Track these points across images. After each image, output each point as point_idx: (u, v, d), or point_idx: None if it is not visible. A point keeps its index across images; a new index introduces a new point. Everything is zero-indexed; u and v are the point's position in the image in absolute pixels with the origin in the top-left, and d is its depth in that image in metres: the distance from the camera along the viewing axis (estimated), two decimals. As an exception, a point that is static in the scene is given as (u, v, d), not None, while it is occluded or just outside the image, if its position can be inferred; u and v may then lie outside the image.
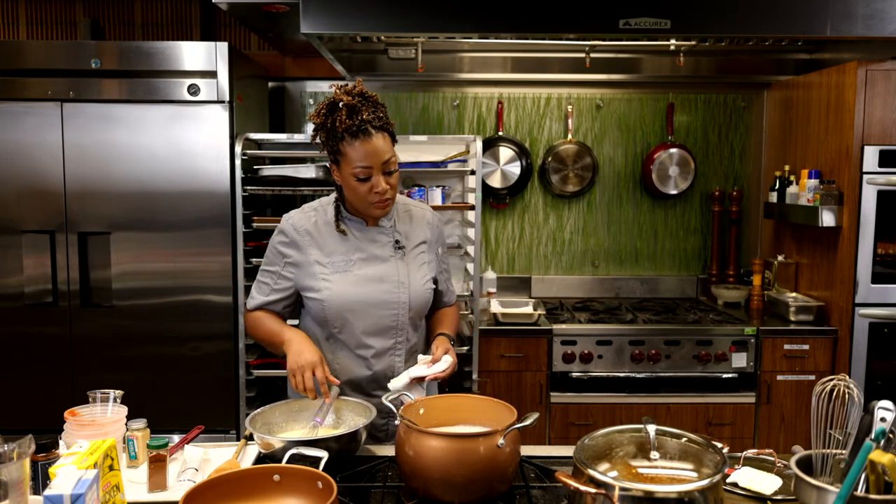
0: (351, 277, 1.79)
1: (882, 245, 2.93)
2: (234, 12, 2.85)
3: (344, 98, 1.68)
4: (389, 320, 1.81)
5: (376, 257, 1.82)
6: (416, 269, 1.85)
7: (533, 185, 3.69)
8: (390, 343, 1.83)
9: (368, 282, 1.79)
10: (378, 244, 1.83)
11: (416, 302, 1.84)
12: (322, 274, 1.79)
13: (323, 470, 1.30)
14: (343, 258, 1.80)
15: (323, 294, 1.78)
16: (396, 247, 1.84)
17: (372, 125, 1.67)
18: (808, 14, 2.54)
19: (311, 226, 1.82)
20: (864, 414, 1.29)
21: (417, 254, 1.87)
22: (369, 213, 1.79)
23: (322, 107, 1.71)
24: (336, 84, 1.76)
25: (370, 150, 1.68)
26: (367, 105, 1.68)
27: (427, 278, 1.87)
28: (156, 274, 2.90)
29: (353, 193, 1.75)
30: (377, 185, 1.71)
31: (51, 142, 2.84)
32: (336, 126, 1.67)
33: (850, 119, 2.90)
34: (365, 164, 1.69)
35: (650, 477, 1.26)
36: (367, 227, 1.83)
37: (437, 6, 2.52)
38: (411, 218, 1.91)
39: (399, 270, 1.82)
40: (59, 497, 1.14)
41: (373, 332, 1.81)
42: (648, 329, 3.05)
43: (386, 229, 1.84)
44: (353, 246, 1.81)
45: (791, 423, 3.05)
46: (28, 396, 2.93)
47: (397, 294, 1.81)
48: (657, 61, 3.55)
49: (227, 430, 2.96)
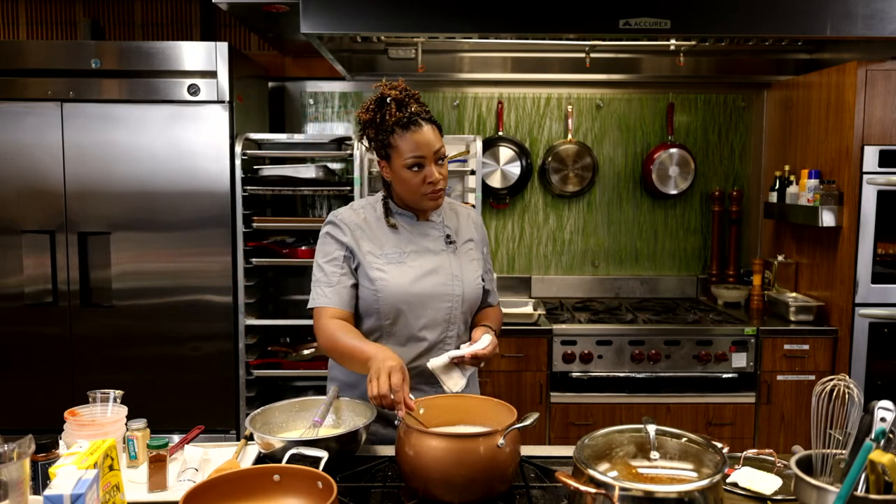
0: (405, 269, 1.77)
1: (882, 245, 2.93)
2: (234, 12, 2.85)
3: (391, 93, 1.70)
4: (444, 313, 1.80)
5: (428, 250, 1.82)
6: (467, 262, 1.86)
7: (533, 185, 3.69)
8: (442, 336, 1.81)
9: (424, 274, 1.78)
10: (430, 238, 1.83)
11: (469, 295, 1.83)
12: (376, 265, 1.77)
13: (323, 470, 1.30)
14: (396, 250, 1.79)
15: (377, 285, 1.75)
16: (448, 241, 1.84)
17: (421, 117, 1.70)
18: (808, 14, 2.54)
19: (361, 221, 1.82)
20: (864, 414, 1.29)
21: (467, 249, 1.88)
22: (422, 205, 1.79)
23: (370, 103, 1.73)
24: (381, 82, 1.76)
25: (422, 140, 1.69)
26: (413, 100, 1.72)
27: (478, 274, 1.87)
28: (156, 274, 2.90)
29: (406, 186, 1.75)
30: (430, 175, 1.72)
31: (51, 142, 2.84)
32: (386, 120, 1.69)
33: (850, 119, 2.90)
34: (418, 154, 1.70)
35: (650, 477, 1.26)
36: (417, 221, 1.83)
37: (437, 6, 2.52)
38: (458, 215, 1.92)
39: (452, 263, 1.82)
40: (59, 497, 1.14)
41: (427, 324, 1.79)
42: (648, 329, 3.05)
43: (436, 224, 1.85)
44: (405, 239, 1.81)
45: (791, 423, 3.05)
46: (28, 396, 2.93)
47: (451, 286, 1.80)
48: (657, 61, 3.55)
49: (227, 430, 2.96)
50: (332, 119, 3.65)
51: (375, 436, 1.84)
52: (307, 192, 3.09)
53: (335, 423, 1.70)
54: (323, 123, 3.66)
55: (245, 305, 2.95)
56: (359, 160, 3.00)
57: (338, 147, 3.23)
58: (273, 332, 3.29)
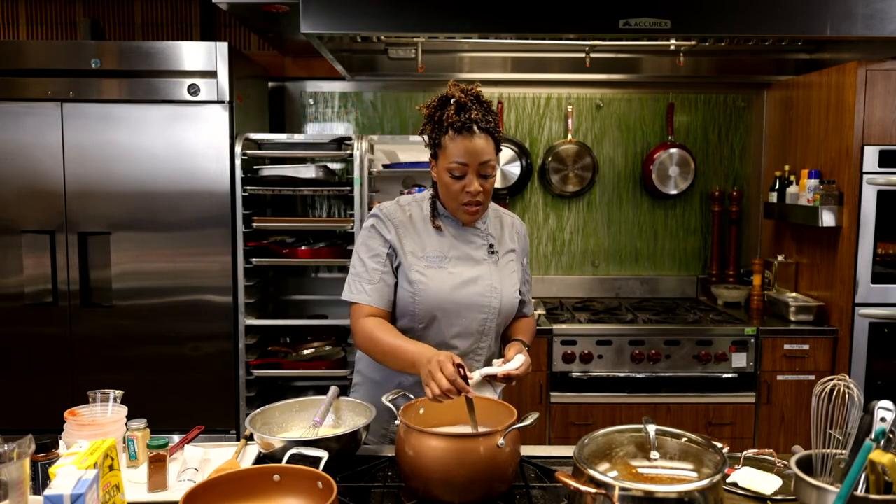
0: (445, 275, 1.75)
1: (882, 245, 2.93)
2: (234, 12, 2.85)
3: (457, 94, 1.68)
4: (478, 324, 1.78)
5: (471, 258, 1.79)
6: (507, 275, 1.83)
7: (533, 185, 3.69)
8: (473, 346, 1.80)
9: (464, 283, 1.76)
10: (473, 246, 1.81)
11: (506, 308, 1.82)
12: (417, 267, 1.74)
13: (323, 470, 1.30)
14: (438, 255, 1.77)
15: (416, 287, 1.73)
16: (490, 251, 1.82)
17: (478, 125, 1.66)
18: (808, 14, 2.54)
19: (406, 218, 1.79)
20: (864, 414, 1.29)
21: (508, 261, 1.85)
22: (457, 214, 1.77)
23: (434, 100, 1.71)
24: (453, 81, 1.73)
25: (470, 147, 1.66)
26: (478, 106, 1.68)
27: (516, 287, 1.85)
28: (156, 274, 2.90)
29: (446, 190, 1.73)
30: (470, 185, 1.69)
31: (51, 142, 2.84)
32: (443, 120, 1.67)
33: (850, 119, 2.90)
34: (461, 161, 1.67)
35: (650, 477, 1.26)
36: (462, 226, 1.81)
37: (437, 6, 2.52)
38: (502, 224, 1.89)
39: (492, 274, 1.80)
40: (59, 497, 1.14)
41: (460, 333, 1.77)
42: (648, 329, 3.05)
43: (481, 231, 1.82)
44: (448, 244, 1.78)
45: (791, 423, 3.05)
46: (28, 396, 2.93)
47: (489, 298, 1.78)
48: (657, 61, 3.55)
49: (227, 430, 2.96)
50: (332, 119, 3.65)
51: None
52: (307, 192, 3.09)
53: (335, 424, 1.70)
54: (323, 123, 3.66)
55: (245, 305, 2.95)
56: (359, 160, 3.00)
57: (338, 147, 3.23)
58: (273, 332, 3.29)
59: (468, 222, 1.79)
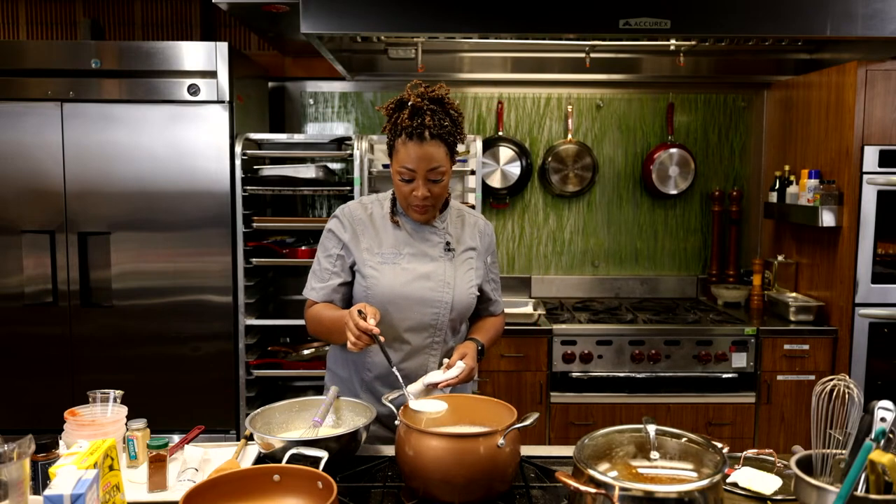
0: (399, 270, 1.80)
1: (882, 245, 2.93)
2: (234, 12, 2.85)
3: (412, 99, 1.69)
4: (430, 318, 1.81)
5: (426, 255, 1.83)
6: (462, 272, 1.86)
7: (533, 185, 3.69)
8: (427, 341, 1.83)
9: (415, 278, 1.80)
10: (429, 243, 1.84)
11: (459, 304, 1.84)
12: (370, 262, 1.80)
13: (323, 470, 1.30)
14: (393, 251, 1.82)
15: (369, 282, 1.79)
16: (447, 248, 1.85)
17: (430, 131, 1.67)
18: (808, 14, 2.54)
19: (367, 216, 1.85)
20: (864, 414, 1.29)
21: (465, 258, 1.88)
22: (409, 213, 1.82)
23: (392, 102, 1.73)
24: (416, 82, 1.74)
25: (419, 154, 1.68)
26: (435, 111, 1.69)
27: (472, 284, 1.87)
28: (156, 274, 2.90)
29: (398, 191, 1.78)
30: (417, 189, 1.73)
31: (51, 142, 2.84)
32: (397, 123, 1.70)
33: (850, 119, 2.90)
34: (409, 167, 1.70)
35: (650, 477, 1.26)
36: (420, 224, 1.85)
37: (437, 6, 2.52)
38: (463, 223, 1.92)
39: (446, 271, 1.83)
40: (59, 497, 1.14)
41: (412, 327, 1.80)
42: (648, 329, 3.05)
43: (438, 229, 1.86)
44: (404, 240, 1.83)
45: (791, 423, 3.05)
46: (28, 396, 2.93)
47: (441, 293, 1.81)
48: (657, 61, 3.55)
49: (227, 430, 2.96)
50: (332, 119, 3.65)
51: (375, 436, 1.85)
52: (307, 192, 3.09)
53: (335, 424, 1.70)
54: (323, 123, 3.66)
55: (245, 305, 2.95)
56: (359, 160, 3.00)
57: (338, 147, 3.23)
58: (273, 332, 3.29)
59: (419, 220, 1.84)
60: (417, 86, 1.72)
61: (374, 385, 1.84)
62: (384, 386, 1.81)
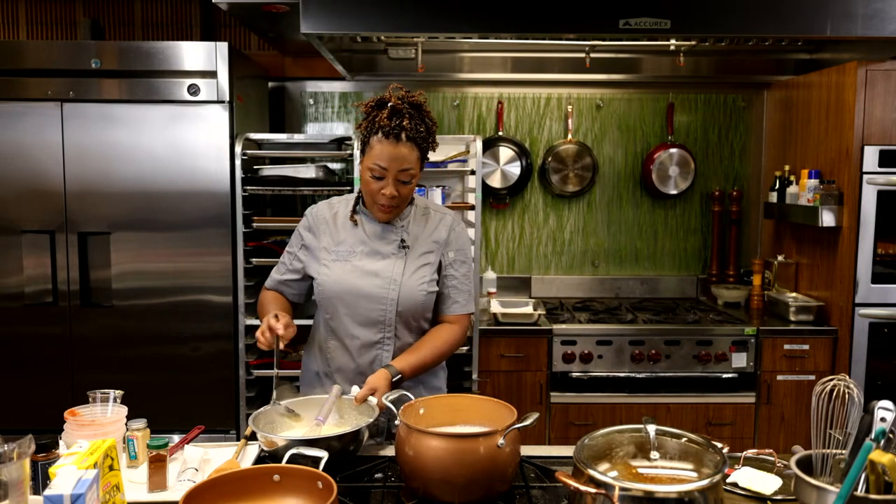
0: (348, 267, 1.86)
1: (882, 245, 2.93)
2: (234, 12, 2.85)
3: (393, 100, 1.74)
4: (377, 314, 1.84)
5: (378, 252, 1.87)
6: (414, 269, 1.87)
7: (533, 185, 3.69)
8: (377, 337, 1.86)
9: (363, 274, 1.85)
10: (384, 241, 1.88)
11: (407, 301, 1.85)
12: (324, 260, 1.88)
13: (323, 470, 1.30)
14: (347, 249, 1.87)
15: (320, 279, 1.87)
16: (401, 245, 1.87)
17: (406, 133, 1.73)
18: (808, 14, 2.54)
19: (331, 215, 1.92)
20: (864, 414, 1.29)
21: (421, 254, 1.89)
22: (372, 211, 1.86)
23: (373, 100, 1.78)
24: (396, 85, 1.79)
25: (393, 153, 1.73)
26: (413, 115, 1.74)
27: (424, 280, 1.87)
28: (156, 274, 2.90)
29: (365, 187, 1.82)
30: (385, 188, 1.77)
31: (51, 142, 2.84)
32: (375, 121, 1.74)
33: (850, 119, 2.90)
34: (382, 164, 1.75)
35: (650, 477, 1.26)
36: (378, 222, 1.88)
37: (437, 6, 2.52)
38: (427, 220, 1.93)
39: (395, 268, 1.86)
40: (59, 497, 1.14)
41: (360, 322, 1.85)
42: (648, 329, 3.05)
43: (396, 228, 1.89)
44: (361, 238, 1.88)
45: (791, 423, 3.05)
46: (28, 396, 2.93)
47: (387, 290, 1.84)
48: (657, 61, 3.55)
49: (227, 430, 2.96)
50: (332, 119, 3.65)
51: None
52: (307, 192, 3.09)
53: (338, 423, 1.70)
54: (323, 123, 3.66)
55: (245, 305, 2.95)
56: (358, 160, 2.99)
57: (338, 147, 3.23)
58: (273, 332, 3.28)
59: (381, 220, 1.87)
60: (398, 89, 1.78)
61: (334, 378, 1.90)
62: (344, 380, 1.87)
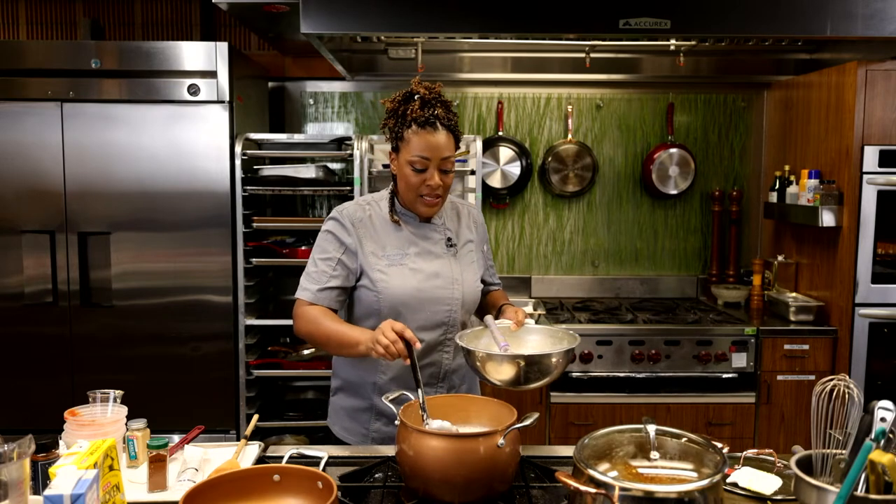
0: (406, 271, 1.79)
1: (882, 245, 2.93)
2: (234, 12, 2.85)
3: (421, 91, 1.72)
4: (443, 316, 1.81)
5: (430, 253, 1.83)
6: (467, 265, 1.89)
7: (533, 185, 3.69)
8: (441, 338, 1.83)
9: (425, 277, 1.80)
10: (431, 241, 1.85)
11: (469, 299, 1.86)
12: (378, 266, 1.78)
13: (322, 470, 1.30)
14: (398, 252, 1.80)
15: (379, 286, 1.77)
16: (449, 244, 1.86)
17: (441, 121, 1.71)
18: (808, 14, 2.54)
19: (367, 218, 1.82)
20: (864, 414, 1.29)
21: (467, 252, 1.91)
22: (416, 208, 1.80)
23: (399, 95, 1.75)
24: (417, 79, 1.78)
25: (433, 142, 1.70)
26: (441, 104, 1.73)
27: (477, 276, 1.91)
28: (156, 274, 2.90)
29: (406, 183, 1.76)
30: (430, 178, 1.73)
31: (51, 142, 2.84)
32: (407, 114, 1.71)
33: (850, 119, 2.90)
34: (424, 155, 1.71)
35: (650, 477, 1.26)
36: (419, 222, 1.85)
37: (437, 6, 2.52)
38: (458, 216, 1.94)
39: (453, 267, 1.84)
40: (59, 497, 1.14)
41: (425, 326, 1.80)
42: (648, 329, 3.05)
43: (438, 226, 1.87)
44: (407, 240, 1.82)
45: (791, 423, 3.05)
46: (28, 396, 2.93)
47: (451, 290, 1.82)
48: (657, 61, 3.55)
49: (227, 430, 2.96)
50: (332, 119, 3.65)
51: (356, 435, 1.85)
52: (307, 192, 3.09)
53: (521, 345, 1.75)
54: (323, 123, 3.66)
55: (245, 305, 2.95)
56: (359, 160, 3.00)
57: (338, 147, 3.23)
58: (273, 332, 3.29)
59: (425, 215, 1.82)
60: (421, 82, 1.75)
61: (389, 387, 1.78)
62: (400, 388, 1.67)
